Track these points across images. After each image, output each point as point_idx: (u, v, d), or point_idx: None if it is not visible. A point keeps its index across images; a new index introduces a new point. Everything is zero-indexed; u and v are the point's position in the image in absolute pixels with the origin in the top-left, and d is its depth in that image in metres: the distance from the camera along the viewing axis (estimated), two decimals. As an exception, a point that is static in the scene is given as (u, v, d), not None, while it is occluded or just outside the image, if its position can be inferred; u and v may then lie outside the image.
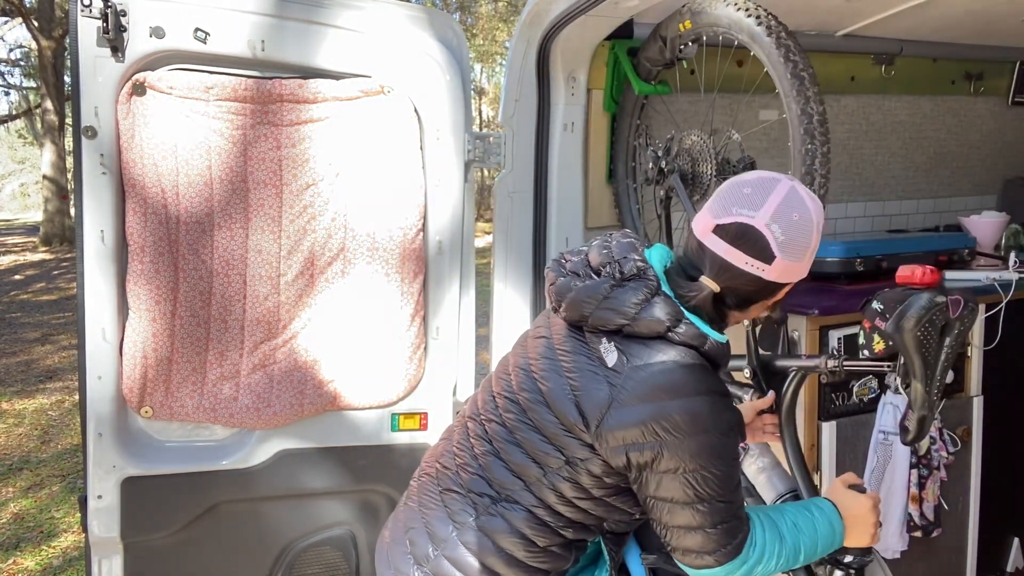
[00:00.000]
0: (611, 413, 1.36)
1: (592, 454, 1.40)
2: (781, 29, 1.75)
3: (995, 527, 2.72)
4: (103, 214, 2.12)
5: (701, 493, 1.36)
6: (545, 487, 1.44)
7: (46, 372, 7.71)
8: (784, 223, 1.36)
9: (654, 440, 1.34)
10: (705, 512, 1.37)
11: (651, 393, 1.36)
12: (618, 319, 1.39)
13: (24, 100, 22.26)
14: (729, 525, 1.40)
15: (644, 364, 1.37)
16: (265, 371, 2.29)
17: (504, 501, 1.47)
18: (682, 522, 1.39)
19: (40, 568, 4.00)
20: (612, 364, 1.39)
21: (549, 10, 2.30)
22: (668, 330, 1.37)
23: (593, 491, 1.44)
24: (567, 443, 1.41)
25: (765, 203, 1.36)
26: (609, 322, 1.40)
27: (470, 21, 17.67)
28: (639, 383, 1.36)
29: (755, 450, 1.88)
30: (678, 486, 1.36)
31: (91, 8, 2.03)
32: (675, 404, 1.34)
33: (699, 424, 1.34)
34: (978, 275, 2.69)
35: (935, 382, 1.52)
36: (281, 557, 2.36)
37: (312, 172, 2.25)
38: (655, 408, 1.34)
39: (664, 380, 1.36)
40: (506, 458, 1.47)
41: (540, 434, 1.44)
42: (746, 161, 1.95)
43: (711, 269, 1.41)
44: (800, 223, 1.37)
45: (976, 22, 2.79)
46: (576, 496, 1.44)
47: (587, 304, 1.42)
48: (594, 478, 1.42)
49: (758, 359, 1.84)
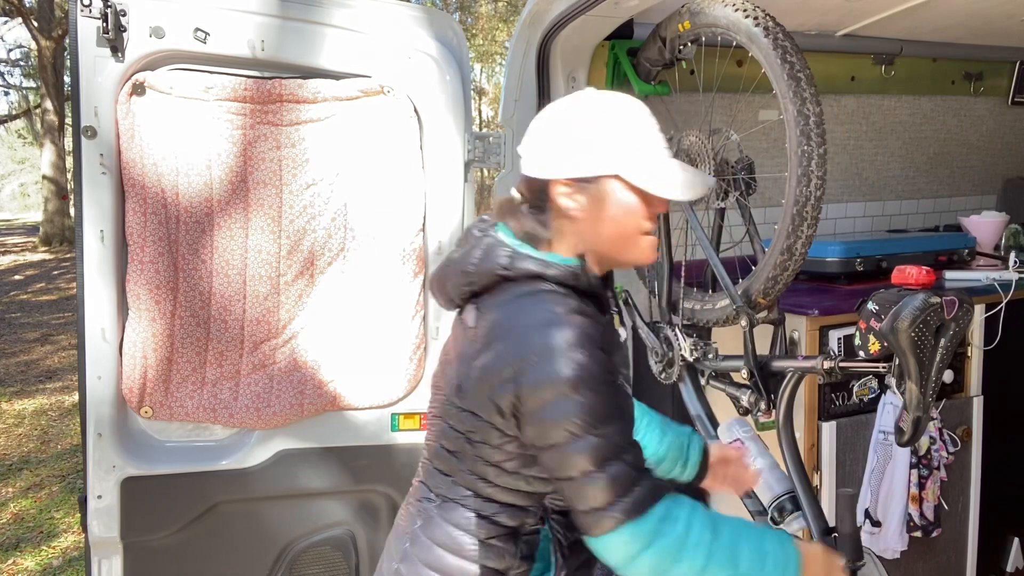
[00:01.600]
0: (471, 368, 1.35)
1: (480, 422, 1.36)
2: (779, 30, 1.75)
3: (995, 527, 2.72)
4: (103, 214, 2.12)
5: (572, 426, 1.25)
6: (469, 475, 1.41)
7: (46, 372, 7.71)
8: (539, 116, 1.42)
9: (508, 377, 1.29)
10: (582, 451, 1.25)
11: (493, 331, 1.33)
12: (463, 280, 1.39)
13: (24, 100, 22.26)
14: (618, 469, 1.25)
15: (491, 308, 1.36)
16: (265, 371, 2.29)
17: (443, 502, 1.44)
18: (566, 471, 1.27)
19: (40, 568, 4.00)
20: (472, 323, 1.38)
21: (549, 10, 2.30)
22: (505, 269, 1.35)
23: (505, 465, 1.38)
24: (465, 420, 1.39)
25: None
26: (459, 286, 1.40)
27: (470, 21, 17.67)
28: (486, 328, 1.34)
29: (753, 451, 1.88)
30: (549, 425, 1.26)
31: (91, 8, 2.03)
32: (515, 333, 1.30)
33: (546, 348, 1.26)
34: (978, 275, 2.70)
35: (930, 383, 1.52)
36: (281, 557, 2.36)
37: (312, 172, 2.25)
38: (501, 344, 1.31)
39: (503, 315, 1.33)
40: (437, 455, 1.47)
41: (448, 423, 1.43)
42: (745, 161, 1.95)
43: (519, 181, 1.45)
44: (545, 116, 1.41)
45: (976, 22, 2.80)
46: (497, 476, 1.40)
47: (444, 280, 1.44)
48: (496, 448, 1.37)
49: (755, 360, 1.84)
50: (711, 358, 2.00)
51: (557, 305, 1.31)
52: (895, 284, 1.57)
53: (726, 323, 1.98)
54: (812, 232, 1.74)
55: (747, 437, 1.91)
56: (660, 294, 2.13)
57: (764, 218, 2.73)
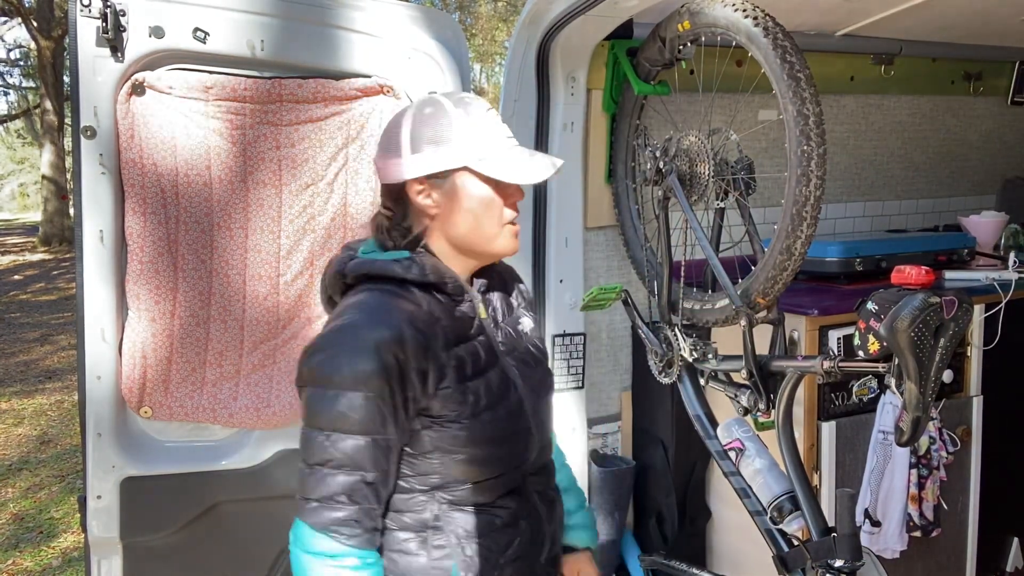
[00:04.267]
0: None
1: None
2: (779, 30, 1.74)
3: (995, 527, 2.73)
4: (102, 214, 2.12)
5: (315, 419, 1.35)
6: None
7: (46, 372, 7.71)
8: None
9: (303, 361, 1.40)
10: (307, 444, 1.36)
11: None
12: (324, 295, 1.52)
13: (23, 100, 22.27)
14: (330, 478, 1.33)
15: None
16: (265, 371, 2.29)
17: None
18: (301, 454, 1.39)
19: (39, 568, 4.00)
20: None
21: (549, 10, 2.30)
22: (343, 276, 1.45)
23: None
24: None
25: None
26: (323, 301, 1.54)
27: (470, 21, 17.68)
28: None
29: (752, 451, 1.88)
30: (304, 408, 1.38)
31: (90, 8, 2.03)
32: (327, 328, 1.40)
33: (333, 340, 1.35)
34: (977, 275, 2.70)
35: (929, 383, 1.51)
36: (281, 557, 2.36)
37: (312, 172, 2.25)
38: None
39: (330, 316, 1.45)
40: None
41: None
42: (744, 161, 1.95)
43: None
44: (391, 124, 1.46)
45: (976, 22, 2.79)
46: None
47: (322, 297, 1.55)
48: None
49: (754, 360, 1.84)
50: (711, 358, 2.00)
51: (368, 308, 1.37)
52: (895, 284, 1.57)
53: (726, 323, 1.98)
54: (812, 232, 1.74)
55: (746, 437, 1.91)
56: (659, 294, 2.13)
57: (764, 218, 2.74)
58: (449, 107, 1.43)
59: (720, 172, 1.92)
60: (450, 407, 1.38)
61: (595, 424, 2.73)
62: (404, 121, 1.44)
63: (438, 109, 1.43)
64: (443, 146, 1.41)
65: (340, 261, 1.47)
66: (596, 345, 2.73)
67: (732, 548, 2.77)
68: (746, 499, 1.90)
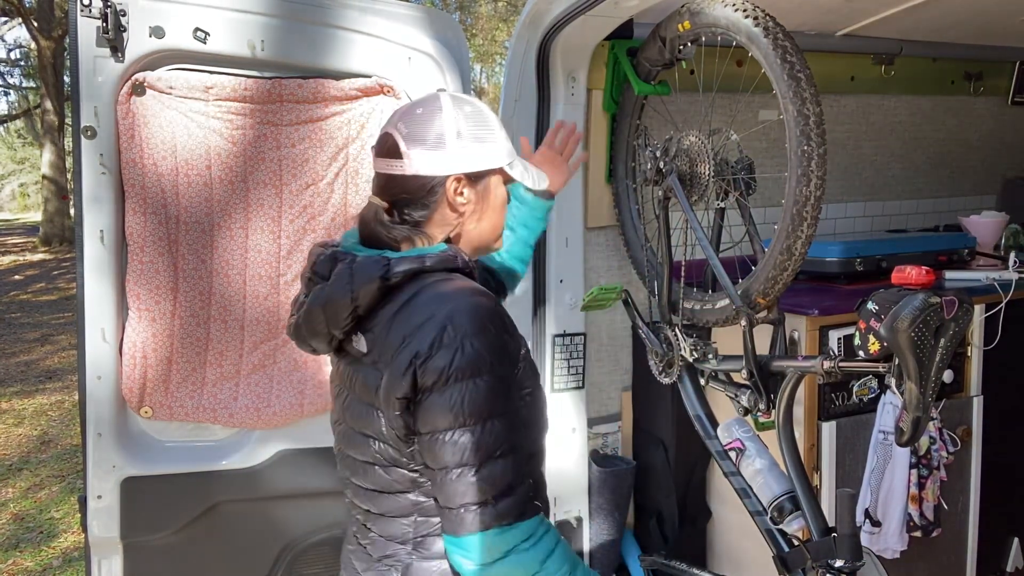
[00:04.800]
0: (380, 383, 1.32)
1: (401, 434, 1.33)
2: (779, 30, 1.74)
3: (995, 527, 2.73)
4: (103, 214, 2.12)
5: (462, 413, 1.23)
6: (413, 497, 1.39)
7: (46, 372, 7.71)
8: (407, 119, 1.40)
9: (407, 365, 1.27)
10: (462, 442, 1.24)
11: (394, 340, 1.30)
12: (346, 309, 1.34)
13: (24, 100, 22.28)
14: (494, 468, 1.24)
15: (381, 324, 1.33)
16: (265, 371, 2.29)
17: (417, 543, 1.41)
18: (441, 460, 1.25)
19: (40, 568, 4.00)
20: (365, 349, 1.36)
21: (549, 10, 2.30)
22: (384, 280, 1.32)
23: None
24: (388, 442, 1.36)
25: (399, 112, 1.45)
26: (341, 317, 1.35)
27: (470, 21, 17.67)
28: (385, 342, 1.31)
29: (752, 451, 1.88)
30: (437, 410, 1.25)
31: (91, 8, 2.03)
32: (416, 328, 1.28)
33: (453, 334, 1.25)
34: (978, 275, 2.70)
35: (930, 383, 1.51)
36: (281, 557, 2.36)
37: (312, 172, 2.25)
38: (407, 343, 1.28)
39: (400, 322, 1.30)
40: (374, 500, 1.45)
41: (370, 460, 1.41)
42: (745, 161, 1.95)
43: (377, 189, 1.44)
44: (423, 115, 1.39)
45: (976, 22, 2.80)
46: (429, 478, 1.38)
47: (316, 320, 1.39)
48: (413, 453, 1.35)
49: (755, 360, 1.84)
50: (711, 358, 2.00)
51: (450, 289, 1.31)
52: (895, 284, 1.57)
53: (726, 323, 1.98)
54: (812, 232, 1.74)
55: (747, 437, 1.91)
56: (660, 294, 2.13)
57: (764, 218, 2.74)
58: (486, 107, 1.45)
59: (720, 172, 1.92)
60: (528, 377, 1.38)
61: (595, 424, 2.73)
62: (444, 115, 1.39)
63: (477, 107, 1.44)
64: (488, 144, 1.42)
65: (368, 267, 1.34)
66: (596, 345, 2.73)
67: (732, 548, 2.77)
68: (746, 499, 1.90)
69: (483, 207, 1.44)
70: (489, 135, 1.42)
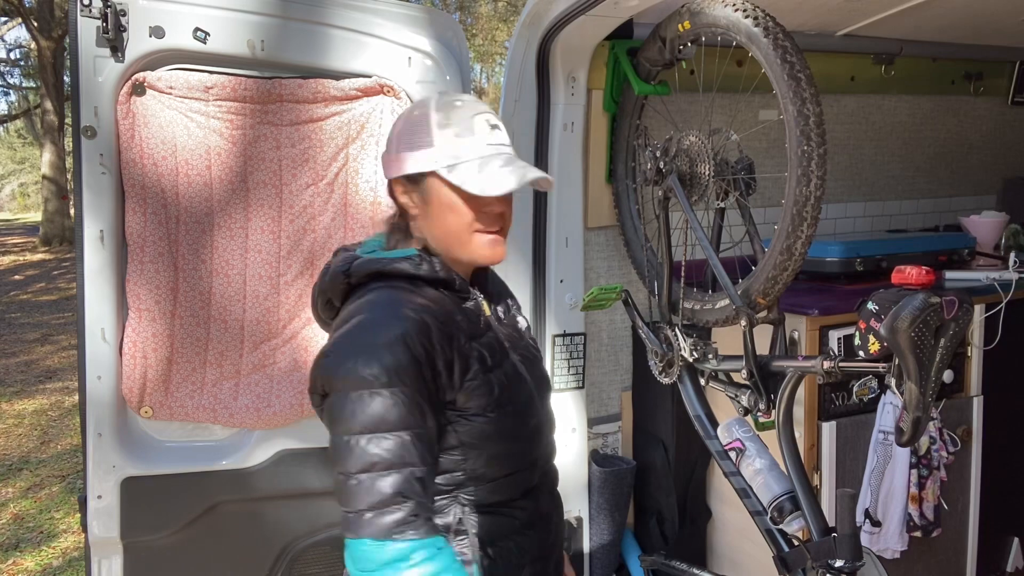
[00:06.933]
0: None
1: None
2: (779, 30, 1.74)
3: (995, 527, 2.73)
4: (103, 214, 2.12)
5: (352, 421, 1.26)
6: None
7: (46, 372, 7.72)
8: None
9: (320, 363, 1.34)
10: (350, 452, 1.25)
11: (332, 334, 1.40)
12: (323, 298, 1.49)
13: (24, 100, 22.30)
14: (378, 481, 1.23)
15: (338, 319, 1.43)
16: (265, 371, 2.29)
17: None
18: (336, 465, 1.28)
19: (40, 568, 4.01)
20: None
21: (549, 10, 2.30)
22: (346, 276, 1.43)
23: None
24: None
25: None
26: (322, 306, 1.50)
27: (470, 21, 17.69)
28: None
29: (752, 451, 1.88)
30: (331, 415, 1.31)
31: (91, 8, 2.03)
32: (339, 330, 1.36)
33: (353, 342, 1.30)
34: (978, 275, 2.70)
35: (930, 383, 1.51)
36: (281, 557, 2.36)
37: (312, 172, 2.25)
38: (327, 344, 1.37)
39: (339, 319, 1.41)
40: None
41: None
42: (745, 161, 1.95)
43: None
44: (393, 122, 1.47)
45: (976, 22, 2.80)
46: None
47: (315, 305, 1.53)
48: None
49: (755, 360, 1.84)
50: (711, 358, 2.00)
51: (384, 303, 1.36)
52: (895, 284, 1.57)
53: (726, 323, 1.98)
54: (812, 232, 1.74)
55: (747, 437, 1.91)
56: (660, 294, 2.13)
57: (764, 218, 2.74)
58: (432, 110, 1.41)
59: (720, 172, 1.92)
60: (476, 399, 1.37)
61: (595, 424, 2.73)
62: (398, 121, 1.47)
63: (422, 112, 1.43)
64: (417, 150, 1.40)
65: (343, 261, 1.45)
66: (596, 345, 2.73)
67: (732, 548, 2.77)
68: (746, 499, 1.90)
69: (426, 210, 1.43)
70: (424, 139, 1.39)
